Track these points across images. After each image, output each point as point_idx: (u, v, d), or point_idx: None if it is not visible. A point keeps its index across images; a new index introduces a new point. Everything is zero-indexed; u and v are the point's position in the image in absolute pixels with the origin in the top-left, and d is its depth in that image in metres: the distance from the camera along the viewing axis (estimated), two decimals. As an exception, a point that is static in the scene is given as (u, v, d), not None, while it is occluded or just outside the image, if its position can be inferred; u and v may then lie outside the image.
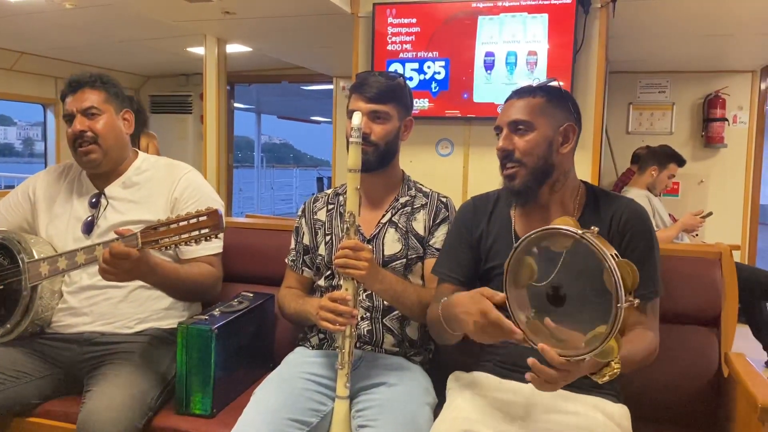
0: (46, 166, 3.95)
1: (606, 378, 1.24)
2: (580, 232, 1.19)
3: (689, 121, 5.12)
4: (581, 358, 1.17)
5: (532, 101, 1.53)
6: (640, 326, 1.46)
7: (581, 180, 1.63)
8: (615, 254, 1.16)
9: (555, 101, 1.54)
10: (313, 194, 1.98)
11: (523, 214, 1.61)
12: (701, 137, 5.05)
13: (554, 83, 1.58)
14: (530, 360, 1.22)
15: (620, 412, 1.48)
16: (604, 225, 1.51)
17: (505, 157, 1.54)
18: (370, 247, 1.71)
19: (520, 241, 1.28)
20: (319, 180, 12.35)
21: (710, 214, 3.77)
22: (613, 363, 1.22)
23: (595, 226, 1.21)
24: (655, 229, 3.54)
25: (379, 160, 1.76)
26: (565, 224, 1.23)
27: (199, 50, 4.70)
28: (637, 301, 1.15)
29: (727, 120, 4.92)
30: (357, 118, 1.59)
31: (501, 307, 1.31)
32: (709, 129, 4.96)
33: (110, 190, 1.96)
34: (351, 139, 1.58)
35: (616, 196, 1.59)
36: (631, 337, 1.41)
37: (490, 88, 3.22)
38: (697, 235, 4.00)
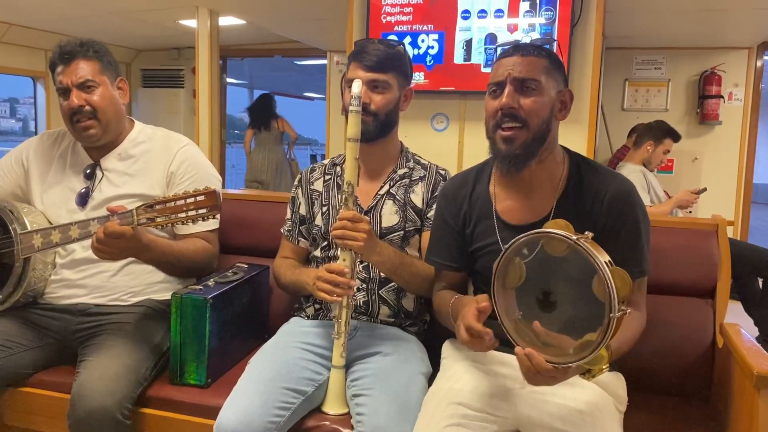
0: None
1: (594, 378, 1.23)
2: (574, 237, 1.15)
3: (684, 98, 5.10)
4: (569, 366, 1.16)
5: (538, 61, 1.43)
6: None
7: (563, 147, 1.54)
8: (609, 261, 1.13)
9: (555, 64, 1.47)
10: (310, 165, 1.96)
11: (503, 192, 1.54)
12: (696, 114, 5.04)
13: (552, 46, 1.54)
14: (517, 350, 1.21)
15: (615, 380, 1.48)
16: (587, 201, 1.45)
17: (507, 115, 1.41)
18: (368, 218, 1.69)
19: (510, 243, 1.24)
20: (313, 158, 12.29)
21: (704, 190, 3.78)
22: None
23: (589, 232, 1.17)
24: (650, 204, 3.57)
25: (379, 130, 1.73)
26: (559, 228, 1.19)
27: (191, 23, 4.63)
28: (629, 310, 1.12)
29: (722, 97, 4.90)
30: (357, 87, 1.56)
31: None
32: (705, 106, 4.94)
33: (106, 161, 1.92)
34: (350, 108, 1.56)
35: (601, 170, 1.50)
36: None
37: (486, 62, 3.19)
38: (691, 211, 4.01)
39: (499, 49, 1.53)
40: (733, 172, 5.01)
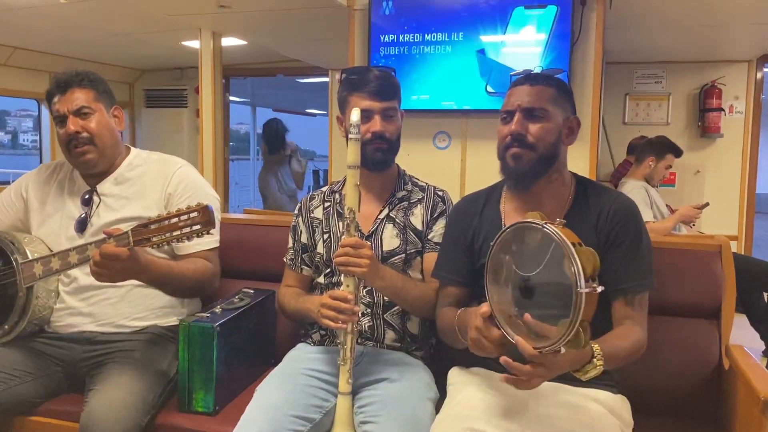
0: (41, 161, 3.94)
1: (589, 375, 1.26)
2: (542, 222, 1.21)
3: (685, 112, 5.12)
4: (552, 348, 1.18)
5: (546, 90, 1.53)
6: (627, 320, 1.47)
7: (571, 172, 1.64)
8: (578, 243, 1.18)
9: (563, 93, 1.57)
10: (308, 192, 1.98)
11: (513, 209, 1.61)
12: (698, 127, 5.05)
13: (559, 76, 1.61)
14: (502, 358, 1.23)
15: (620, 403, 1.49)
16: (592, 217, 1.52)
17: (516, 140, 1.52)
18: (370, 244, 1.71)
19: (494, 240, 1.30)
20: (315, 173, 12.27)
21: (707, 204, 3.78)
22: (595, 360, 1.25)
23: (561, 219, 1.23)
24: (653, 220, 3.57)
25: (393, 156, 1.78)
26: (533, 218, 1.26)
27: (194, 44, 4.66)
28: (600, 288, 1.14)
29: (723, 110, 4.91)
30: (356, 115, 1.57)
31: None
32: (706, 119, 4.95)
33: (102, 187, 1.94)
34: (350, 136, 1.57)
35: (605, 190, 1.60)
36: (617, 333, 1.43)
37: (488, 81, 3.21)
38: (693, 225, 4.00)
39: (512, 78, 1.60)
40: (736, 184, 5.01)
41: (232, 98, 6.96)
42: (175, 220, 1.55)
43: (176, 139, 6.10)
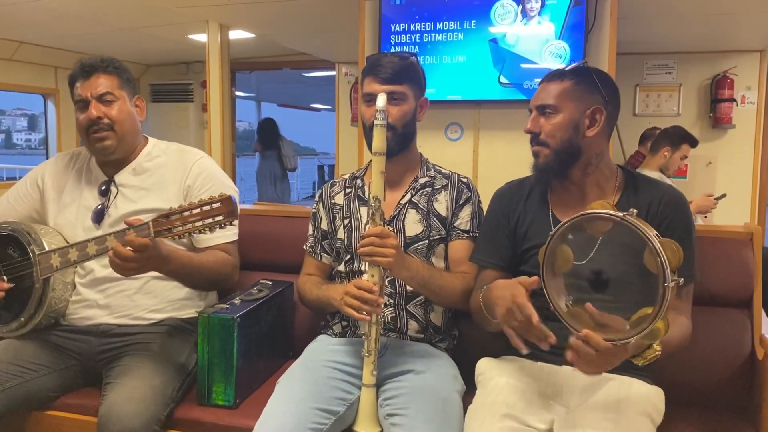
0: (47, 158, 3.91)
1: (647, 360, 1.25)
2: (620, 214, 1.19)
3: (697, 102, 5.05)
4: (627, 341, 1.16)
5: (561, 85, 1.54)
6: (674, 311, 1.45)
7: (617, 164, 1.63)
8: (656, 234, 1.16)
9: (584, 85, 1.54)
10: (314, 188, 1.95)
11: (560, 197, 1.61)
12: (709, 118, 4.98)
13: (581, 65, 1.60)
14: (573, 341, 1.21)
15: (655, 393, 1.48)
16: (643, 208, 1.50)
17: (532, 138, 1.58)
18: (394, 231, 1.67)
19: (555, 229, 1.28)
20: (320, 168, 12.24)
21: (724, 195, 3.74)
22: (654, 345, 1.24)
23: (633, 209, 1.21)
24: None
25: (399, 143, 1.72)
26: (603, 208, 1.23)
27: (200, 37, 4.63)
28: (681, 279, 1.15)
29: (735, 100, 4.85)
30: (381, 101, 1.54)
31: (539, 295, 1.30)
32: (717, 110, 4.89)
33: (120, 177, 1.91)
34: (375, 122, 1.54)
35: (655, 181, 1.60)
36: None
37: (500, 71, 3.17)
38: (706, 216, 3.97)
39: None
40: (748, 176, 4.95)
41: (237, 93, 6.94)
42: (197, 210, 1.52)
43: (183, 134, 6.05)
